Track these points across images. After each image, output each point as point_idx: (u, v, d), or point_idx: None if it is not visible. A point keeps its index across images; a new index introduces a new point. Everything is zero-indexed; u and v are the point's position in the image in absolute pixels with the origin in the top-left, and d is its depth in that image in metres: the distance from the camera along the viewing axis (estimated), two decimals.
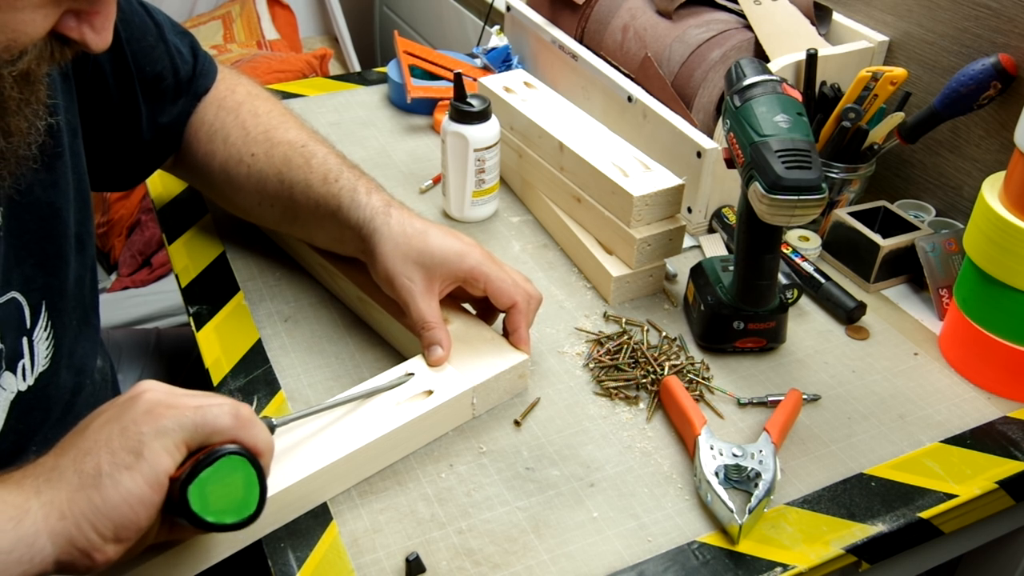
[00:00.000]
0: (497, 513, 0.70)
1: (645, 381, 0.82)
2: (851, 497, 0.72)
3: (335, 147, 0.89)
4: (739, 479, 0.72)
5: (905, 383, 0.85)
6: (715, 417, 0.80)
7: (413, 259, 0.78)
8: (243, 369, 0.83)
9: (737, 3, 1.08)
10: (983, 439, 0.79)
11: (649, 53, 1.08)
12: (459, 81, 0.99)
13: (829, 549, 0.68)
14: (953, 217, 1.02)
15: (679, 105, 1.03)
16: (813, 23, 1.07)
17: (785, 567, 0.67)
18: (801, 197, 0.74)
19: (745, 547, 0.68)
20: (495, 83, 1.11)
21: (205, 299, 0.92)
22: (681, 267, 0.97)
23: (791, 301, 0.88)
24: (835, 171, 0.99)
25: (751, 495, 0.69)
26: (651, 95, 1.06)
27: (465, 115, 0.99)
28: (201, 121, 0.91)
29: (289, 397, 0.81)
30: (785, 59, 1.01)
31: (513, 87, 1.10)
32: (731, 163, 0.81)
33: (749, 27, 1.05)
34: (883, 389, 0.84)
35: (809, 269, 0.95)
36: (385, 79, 1.37)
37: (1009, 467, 0.76)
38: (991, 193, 0.80)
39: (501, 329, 0.82)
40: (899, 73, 0.95)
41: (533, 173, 1.06)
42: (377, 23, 2.81)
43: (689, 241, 1.02)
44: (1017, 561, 0.91)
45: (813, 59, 1.00)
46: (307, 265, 0.96)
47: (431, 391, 0.75)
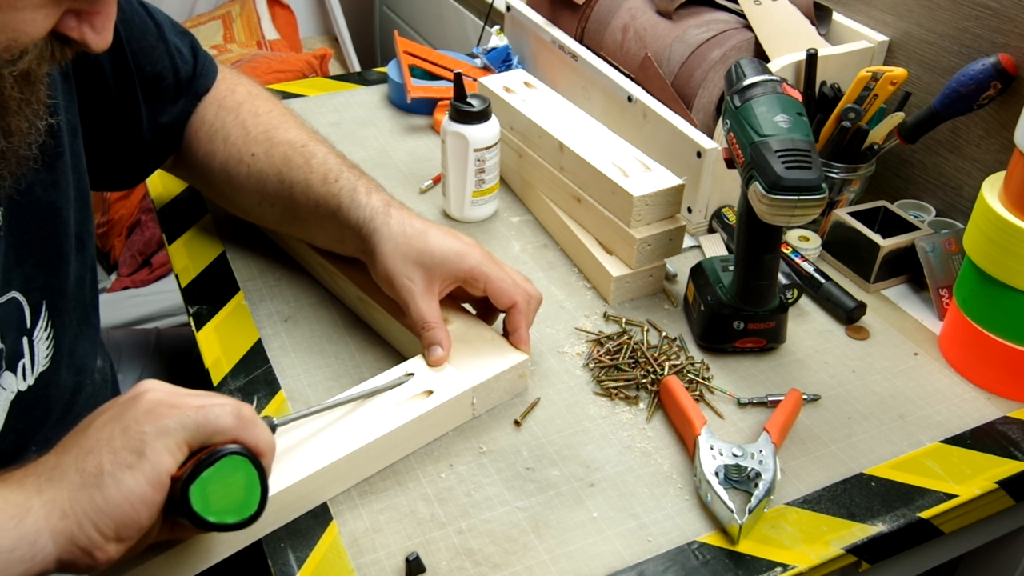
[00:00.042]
0: (497, 513, 0.70)
1: (645, 381, 0.82)
2: (851, 497, 0.72)
3: (335, 147, 0.89)
4: (739, 479, 0.72)
5: (905, 383, 0.85)
6: (715, 417, 0.80)
7: (413, 259, 0.78)
8: (243, 369, 0.83)
9: (737, 3, 1.08)
10: (983, 439, 0.79)
11: (649, 53, 1.08)
12: (459, 81, 0.99)
13: (829, 549, 0.68)
14: (953, 217, 1.02)
15: (679, 105, 1.03)
16: (813, 23, 1.07)
17: (785, 567, 0.67)
18: (801, 197, 0.74)
19: (745, 547, 0.68)
20: (495, 83, 1.11)
21: (205, 299, 0.92)
22: (681, 267, 0.98)
23: (791, 301, 0.88)
24: (835, 171, 0.99)
25: (751, 495, 0.69)
26: (651, 95, 1.06)
27: (465, 115, 0.99)
28: (201, 121, 0.91)
29: (289, 397, 0.81)
30: (785, 59, 1.01)
31: (513, 87, 1.10)
32: (731, 163, 0.81)
33: (749, 27, 1.05)
34: (883, 389, 0.84)
35: (809, 269, 0.95)
36: (385, 79, 1.37)
37: (1009, 467, 0.76)
38: (991, 193, 0.80)
39: (501, 329, 0.82)
40: (899, 73, 0.95)
41: (533, 173, 1.06)
42: (377, 23, 2.81)
43: (689, 241, 1.02)
44: (1017, 561, 0.91)
45: (813, 59, 1.00)
46: (307, 265, 0.96)
47: (431, 391, 0.75)
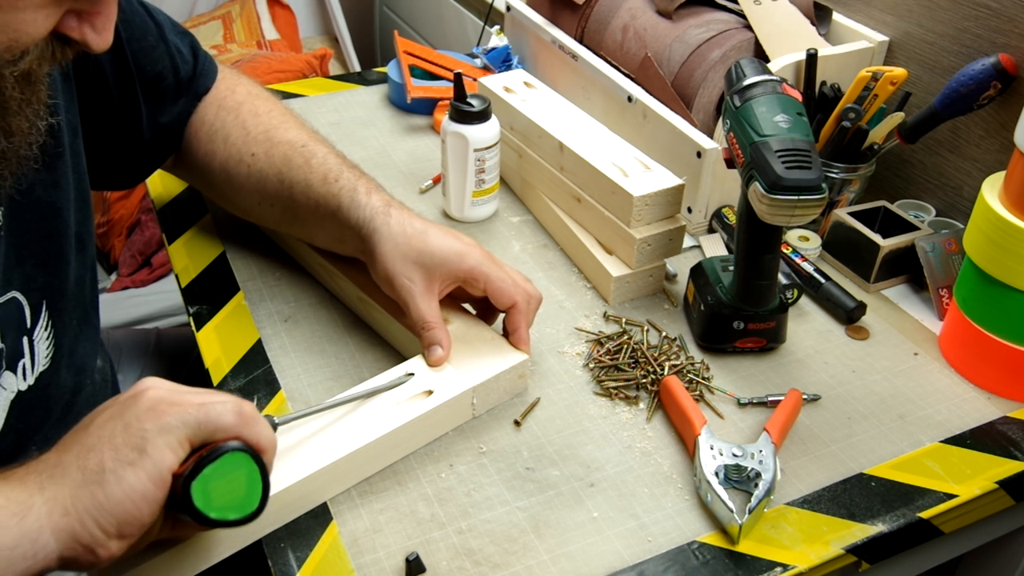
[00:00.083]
0: (497, 513, 0.70)
1: (645, 381, 0.82)
2: (851, 497, 0.72)
3: (335, 147, 0.89)
4: (739, 479, 0.72)
5: (905, 383, 0.85)
6: (715, 417, 0.80)
7: (413, 259, 0.78)
8: (243, 369, 0.83)
9: (737, 3, 1.08)
10: (983, 439, 0.79)
11: (649, 53, 1.08)
12: (459, 81, 0.99)
13: (829, 549, 0.68)
14: (953, 217, 1.02)
15: (679, 105, 1.03)
16: (813, 23, 1.07)
17: (785, 567, 0.67)
18: (801, 197, 0.74)
19: (745, 547, 0.68)
20: (495, 83, 1.11)
21: (205, 299, 0.92)
22: (681, 267, 0.98)
23: (791, 301, 0.88)
24: (835, 171, 0.99)
25: (751, 495, 0.69)
26: (651, 95, 1.06)
27: (465, 115, 0.99)
28: (201, 121, 0.91)
29: (289, 397, 0.81)
30: (785, 59, 1.01)
31: (513, 87, 1.10)
32: (731, 163, 0.81)
33: (749, 27, 1.05)
34: (883, 389, 0.84)
35: (809, 269, 0.95)
36: (385, 79, 1.37)
37: (1009, 467, 0.76)
38: (991, 193, 0.80)
39: (501, 329, 0.82)
40: (899, 73, 0.95)
41: (533, 173, 1.06)
42: (377, 23, 2.81)
43: (689, 241, 1.02)
44: (1017, 561, 0.91)
45: (813, 59, 1.00)
46: (307, 265, 0.96)
47: (431, 391, 0.75)
